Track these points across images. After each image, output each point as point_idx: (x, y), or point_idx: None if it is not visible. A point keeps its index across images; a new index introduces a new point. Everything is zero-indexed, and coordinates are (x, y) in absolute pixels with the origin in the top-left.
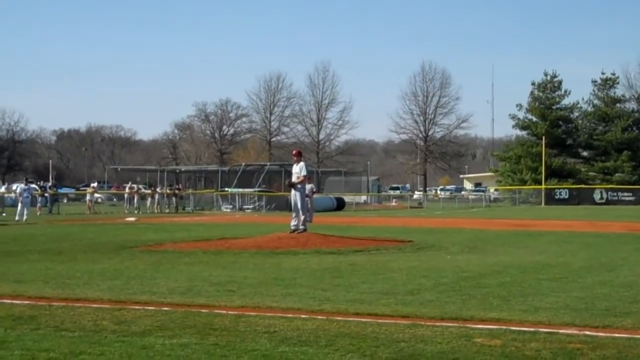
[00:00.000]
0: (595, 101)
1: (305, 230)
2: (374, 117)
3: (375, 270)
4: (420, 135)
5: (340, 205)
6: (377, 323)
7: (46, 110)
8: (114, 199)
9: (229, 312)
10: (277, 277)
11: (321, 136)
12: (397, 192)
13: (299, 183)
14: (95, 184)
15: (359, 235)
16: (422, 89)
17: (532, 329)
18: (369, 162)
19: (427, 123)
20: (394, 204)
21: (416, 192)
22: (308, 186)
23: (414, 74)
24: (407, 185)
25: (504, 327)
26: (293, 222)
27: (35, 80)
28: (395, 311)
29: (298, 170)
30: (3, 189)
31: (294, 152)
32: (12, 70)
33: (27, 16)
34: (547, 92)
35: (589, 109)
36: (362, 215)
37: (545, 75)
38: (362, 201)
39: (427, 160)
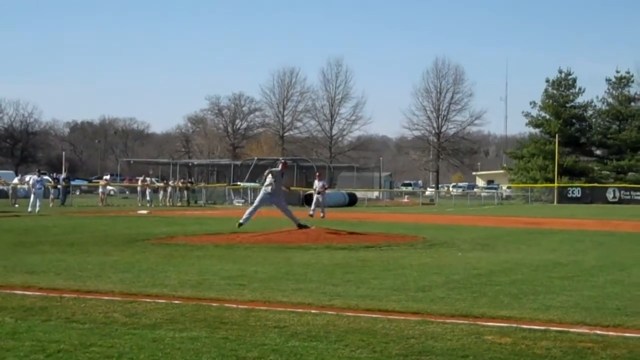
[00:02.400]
0: (610, 99)
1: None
2: (387, 113)
3: (386, 267)
4: (433, 131)
5: (352, 200)
6: (387, 319)
7: (60, 102)
8: (127, 192)
9: (240, 306)
10: (287, 272)
11: (334, 131)
12: (409, 188)
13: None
14: (108, 177)
15: (370, 231)
16: (435, 85)
17: (542, 327)
18: (381, 158)
19: (440, 119)
20: (405, 200)
21: (428, 189)
22: (319, 183)
23: (427, 70)
24: (420, 182)
25: (515, 325)
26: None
27: (49, 71)
28: (406, 307)
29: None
30: (16, 180)
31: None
32: (27, 62)
33: (43, 7)
34: (561, 90)
35: (603, 107)
36: (374, 211)
37: (560, 72)
38: (374, 197)
39: (439, 156)
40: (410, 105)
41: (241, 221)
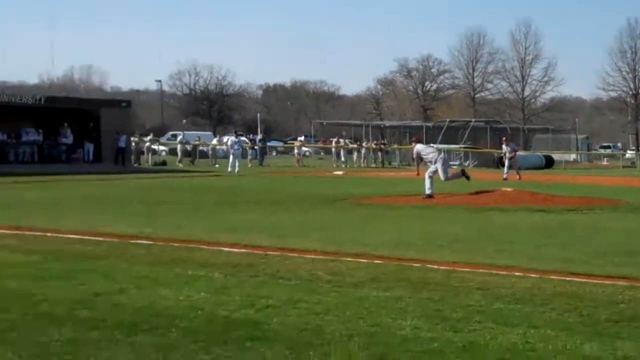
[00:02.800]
0: None
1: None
2: (580, 73)
3: (589, 230)
4: (630, 92)
5: (548, 163)
6: (593, 283)
7: (252, 65)
8: (321, 153)
9: (441, 267)
10: (487, 233)
11: (526, 93)
12: (608, 150)
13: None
14: (303, 138)
15: (568, 194)
16: (630, 45)
17: None
18: (577, 120)
19: (636, 80)
20: (605, 163)
21: (629, 152)
22: (507, 148)
23: (619, 31)
24: (619, 144)
25: None
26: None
27: (241, 35)
28: (612, 272)
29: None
30: (215, 141)
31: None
32: (220, 27)
33: None
34: None
35: None
36: (572, 174)
37: None
38: (571, 159)
39: (638, 118)
40: (604, 64)
41: (428, 192)
